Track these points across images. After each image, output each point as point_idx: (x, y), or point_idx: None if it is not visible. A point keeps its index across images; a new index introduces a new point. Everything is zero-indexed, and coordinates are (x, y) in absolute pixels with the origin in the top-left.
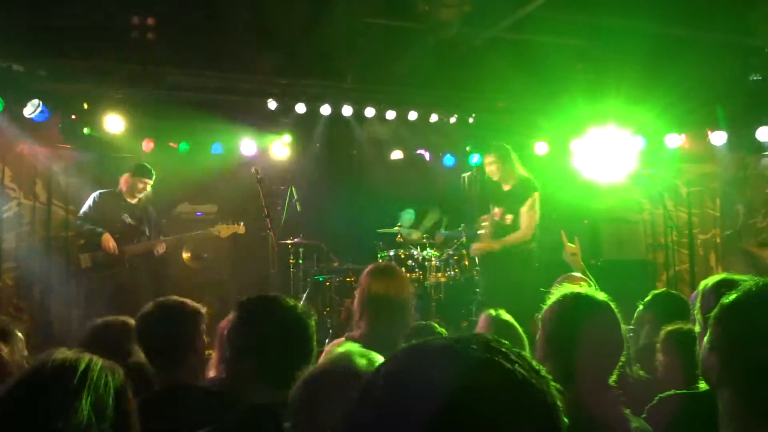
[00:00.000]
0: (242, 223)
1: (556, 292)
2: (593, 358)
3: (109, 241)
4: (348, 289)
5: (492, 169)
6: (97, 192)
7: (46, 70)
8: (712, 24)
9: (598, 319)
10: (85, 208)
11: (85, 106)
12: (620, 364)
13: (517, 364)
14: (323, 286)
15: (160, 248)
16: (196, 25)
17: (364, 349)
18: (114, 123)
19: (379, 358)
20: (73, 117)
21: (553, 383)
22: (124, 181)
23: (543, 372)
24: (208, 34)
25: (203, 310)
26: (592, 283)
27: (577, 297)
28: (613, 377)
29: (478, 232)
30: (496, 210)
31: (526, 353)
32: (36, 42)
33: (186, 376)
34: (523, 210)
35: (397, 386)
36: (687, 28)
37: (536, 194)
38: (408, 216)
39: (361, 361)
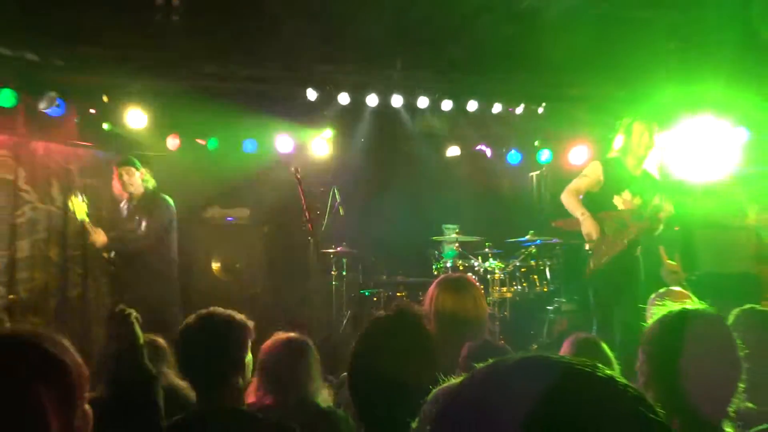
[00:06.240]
0: None
1: (658, 311)
2: (703, 386)
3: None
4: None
5: (649, 140)
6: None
7: (62, 59)
8: None
9: (708, 338)
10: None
11: (105, 99)
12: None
13: (606, 375)
14: (370, 302)
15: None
16: (226, 6)
17: None
18: (136, 117)
19: None
20: (92, 111)
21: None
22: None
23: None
24: (240, 16)
25: (251, 324)
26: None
27: (682, 314)
28: (732, 408)
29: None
30: (628, 196)
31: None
32: (52, 29)
33: (229, 399)
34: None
35: (482, 406)
36: None
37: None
38: (450, 232)
39: None
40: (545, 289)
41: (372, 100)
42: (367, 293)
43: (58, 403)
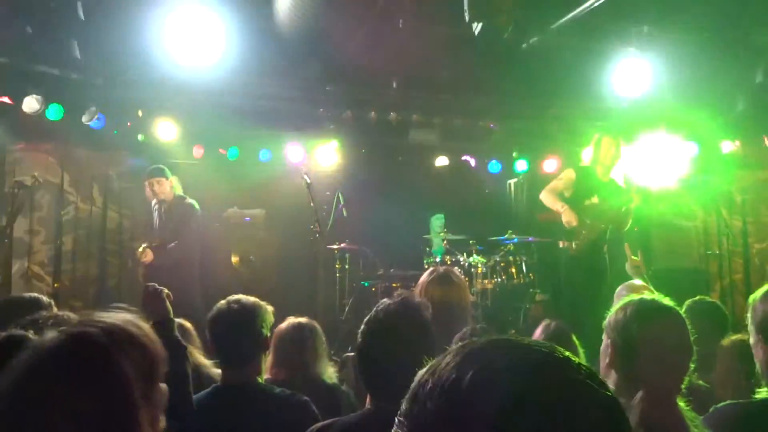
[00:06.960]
0: None
1: (621, 300)
2: (659, 366)
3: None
4: (393, 295)
5: (615, 153)
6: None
7: (102, 78)
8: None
9: (663, 324)
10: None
11: (140, 113)
12: (689, 371)
13: (563, 355)
14: (369, 292)
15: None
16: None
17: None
18: (166, 130)
19: None
20: (128, 124)
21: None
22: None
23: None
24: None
25: (271, 308)
26: (654, 293)
27: (641, 302)
28: (683, 386)
29: None
30: (597, 201)
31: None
32: (93, 51)
33: (252, 375)
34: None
35: (451, 384)
36: (740, 29)
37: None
38: (438, 222)
39: None
40: (522, 281)
41: (371, 115)
42: (366, 284)
43: (141, 377)
